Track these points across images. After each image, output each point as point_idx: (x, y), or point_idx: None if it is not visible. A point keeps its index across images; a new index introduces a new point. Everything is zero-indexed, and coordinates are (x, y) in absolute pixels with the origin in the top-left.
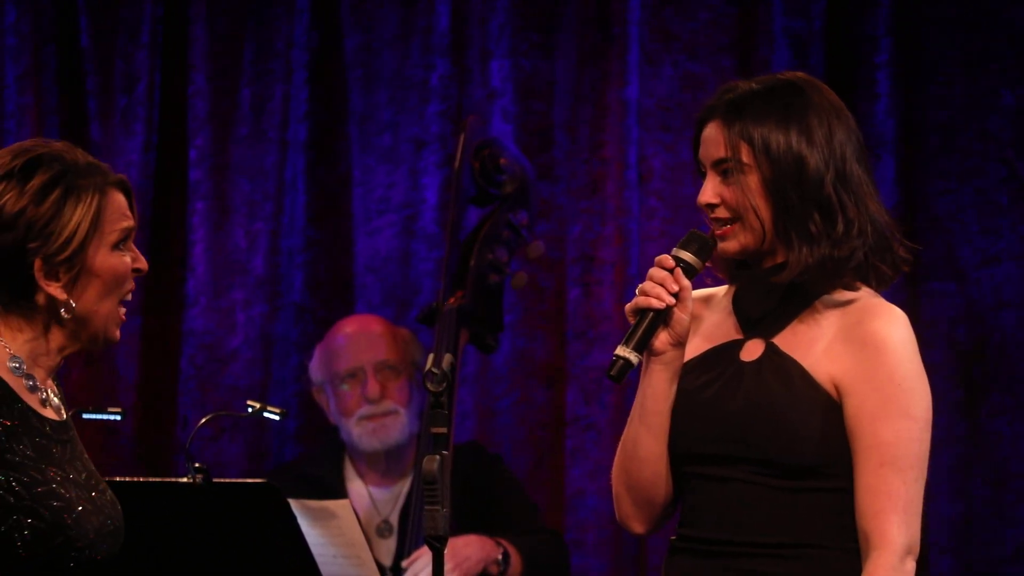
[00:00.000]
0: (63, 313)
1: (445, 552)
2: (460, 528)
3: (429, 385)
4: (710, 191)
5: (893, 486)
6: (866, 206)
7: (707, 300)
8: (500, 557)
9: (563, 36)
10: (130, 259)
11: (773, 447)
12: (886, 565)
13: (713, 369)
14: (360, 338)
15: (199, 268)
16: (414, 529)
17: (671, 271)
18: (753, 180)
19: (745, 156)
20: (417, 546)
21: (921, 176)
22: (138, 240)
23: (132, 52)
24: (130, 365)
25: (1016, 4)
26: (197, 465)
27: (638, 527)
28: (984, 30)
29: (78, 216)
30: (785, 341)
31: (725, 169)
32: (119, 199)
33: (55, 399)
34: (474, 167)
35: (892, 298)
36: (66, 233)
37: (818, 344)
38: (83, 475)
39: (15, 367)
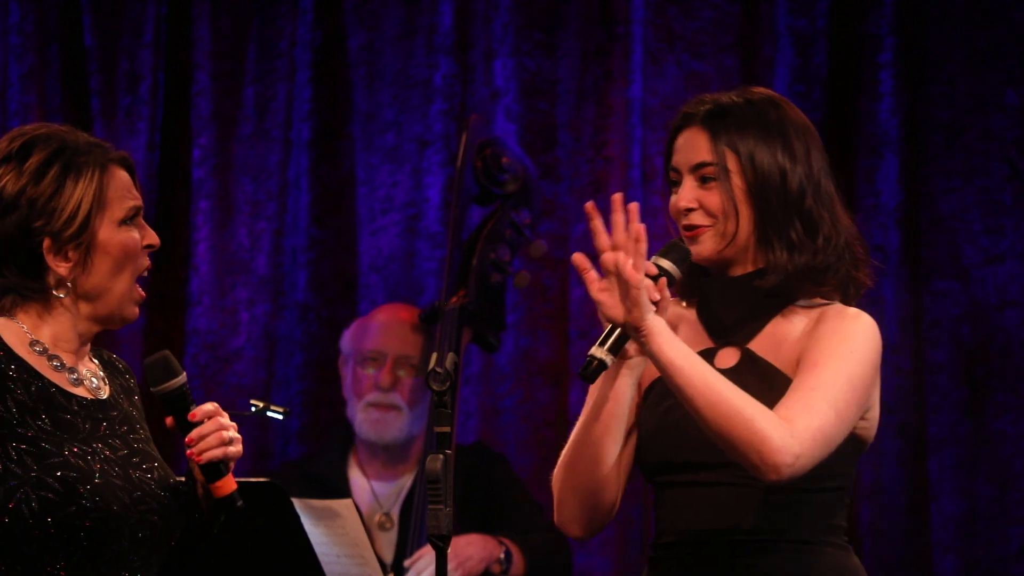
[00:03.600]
0: (59, 293)
1: (448, 551)
2: (464, 527)
3: (432, 384)
4: (688, 196)
5: (817, 406)
6: (839, 220)
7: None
8: (502, 556)
9: (567, 35)
10: (139, 235)
11: None
12: (778, 432)
13: None
14: (391, 326)
15: (203, 267)
16: (417, 527)
17: (655, 278)
18: (737, 186)
19: (731, 163)
20: (420, 545)
21: (925, 175)
22: None
23: (136, 51)
24: (134, 364)
25: (1020, 3)
26: None
27: (577, 530)
28: (988, 29)
29: (80, 191)
30: (760, 347)
31: (704, 175)
32: (122, 176)
33: (93, 379)
34: (477, 166)
35: (896, 297)
36: (69, 209)
37: (786, 344)
38: (122, 451)
39: (38, 350)
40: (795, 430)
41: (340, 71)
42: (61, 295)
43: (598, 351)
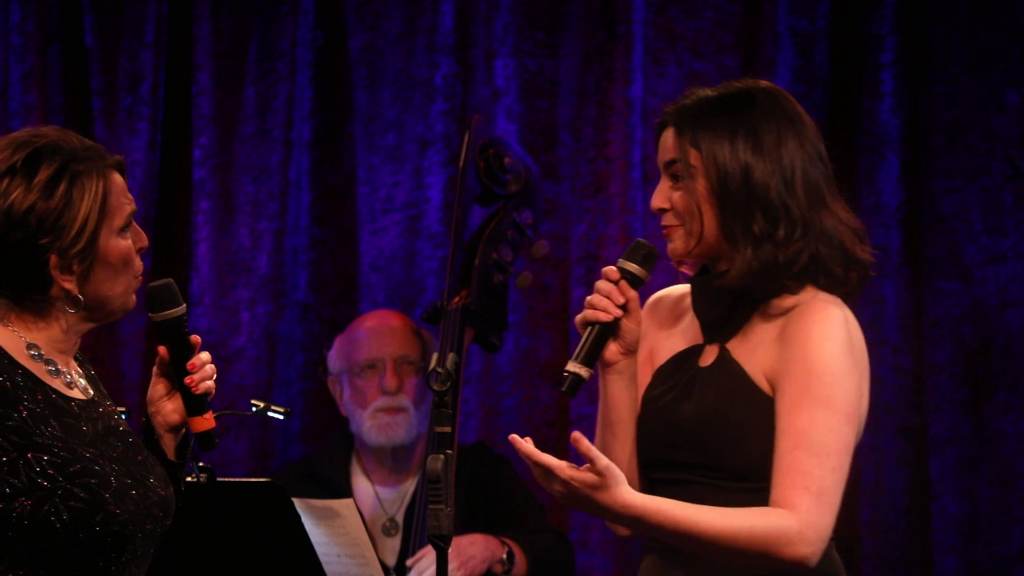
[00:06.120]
0: (69, 308)
1: (450, 551)
2: (467, 527)
3: (433, 384)
4: (660, 196)
5: (805, 466)
6: (817, 210)
7: (684, 298)
8: (504, 556)
9: (568, 35)
10: (132, 239)
11: (721, 453)
12: (784, 527)
13: (675, 375)
14: (383, 331)
15: (203, 267)
16: (419, 528)
17: (617, 283)
18: (700, 185)
19: (693, 160)
20: (422, 545)
21: (926, 175)
22: None
23: (137, 51)
24: (134, 364)
25: (1021, 3)
26: (201, 464)
27: (624, 529)
28: (989, 29)
29: (87, 206)
30: (735, 346)
31: (674, 173)
32: (119, 181)
33: (81, 380)
34: (479, 166)
35: (898, 297)
36: (78, 224)
37: (760, 348)
38: (120, 448)
39: (34, 354)
40: (801, 514)
41: (341, 71)
42: (68, 309)
43: (572, 365)
